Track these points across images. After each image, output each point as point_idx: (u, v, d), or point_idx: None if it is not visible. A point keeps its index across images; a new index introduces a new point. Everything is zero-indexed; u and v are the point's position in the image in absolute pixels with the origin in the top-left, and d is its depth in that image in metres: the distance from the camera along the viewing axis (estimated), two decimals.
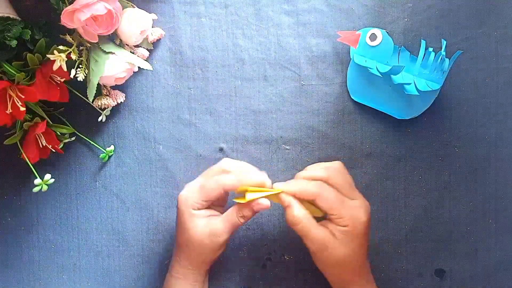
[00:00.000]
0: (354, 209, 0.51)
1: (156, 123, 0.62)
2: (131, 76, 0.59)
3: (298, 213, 0.51)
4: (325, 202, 0.50)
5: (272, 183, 0.53)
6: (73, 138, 0.61)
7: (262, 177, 0.52)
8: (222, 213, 0.54)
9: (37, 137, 0.56)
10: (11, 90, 0.52)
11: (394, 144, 0.60)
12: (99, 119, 0.60)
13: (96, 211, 0.62)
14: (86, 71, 0.54)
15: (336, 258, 0.51)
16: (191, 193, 0.53)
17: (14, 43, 0.51)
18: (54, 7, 0.53)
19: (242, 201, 0.52)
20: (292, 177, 0.60)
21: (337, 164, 0.54)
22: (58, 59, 0.51)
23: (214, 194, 0.52)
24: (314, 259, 0.53)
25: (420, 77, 0.57)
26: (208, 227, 0.52)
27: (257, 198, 0.52)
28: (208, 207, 0.54)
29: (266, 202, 0.52)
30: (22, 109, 0.52)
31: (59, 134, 0.58)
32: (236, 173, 0.53)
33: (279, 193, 0.52)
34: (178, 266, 0.54)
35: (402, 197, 0.60)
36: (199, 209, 0.53)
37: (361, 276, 0.53)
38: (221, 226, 0.52)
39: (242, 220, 0.52)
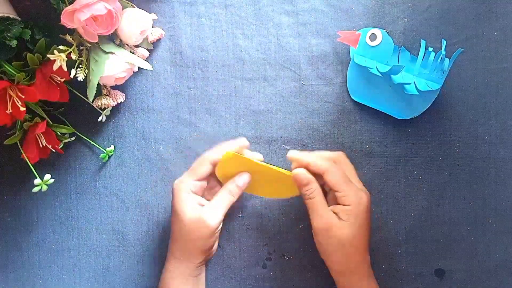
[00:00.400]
0: (357, 191, 0.52)
1: (156, 123, 0.62)
2: (131, 76, 0.59)
3: (315, 187, 0.53)
4: (333, 177, 0.52)
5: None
6: (73, 138, 0.61)
7: (240, 140, 0.56)
8: None
9: (37, 137, 0.56)
10: (11, 90, 0.52)
11: (394, 144, 0.60)
12: (99, 119, 0.60)
13: (96, 211, 0.62)
14: (86, 71, 0.54)
15: (339, 239, 0.51)
16: (183, 176, 0.55)
17: (14, 43, 0.51)
18: (54, 7, 0.53)
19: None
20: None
21: (341, 153, 0.56)
22: (58, 59, 0.51)
23: (202, 171, 0.54)
24: (317, 243, 0.53)
25: (420, 77, 0.57)
26: (198, 213, 0.53)
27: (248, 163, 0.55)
28: (202, 195, 0.56)
29: (245, 174, 0.55)
30: (22, 109, 0.52)
31: (59, 134, 0.58)
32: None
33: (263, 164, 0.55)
34: (172, 258, 0.55)
35: (402, 197, 0.60)
36: (193, 192, 0.54)
37: (362, 266, 0.53)
38: (208, 209, 0.53)
39: (230, 198, 0.54)
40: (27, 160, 0.55)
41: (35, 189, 0.55)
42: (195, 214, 0.53)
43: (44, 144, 0.56)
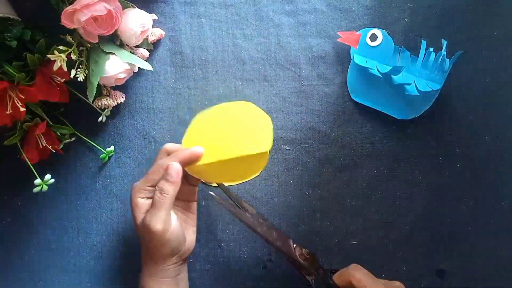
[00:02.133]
0: None
1: (156, 123, 0.62)
2: (131, 76, 0.59)
3: None
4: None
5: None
6: (73, 139, 0.61)
7: (195, 148, 0.52)
8: (188, 209, 0.56)
9: (37, 138, 0.56)
10: (11, 90, 0.52)
11: (394, 144, 0.60)
12: (99, 119, 0.60)
13: (96, 212, 0.62)
14: (86, 71, 0.54)
15: None
16: (138, 182, 0.53)
17: (14, 43, 0.51)
18: (54, 7, 0.53)
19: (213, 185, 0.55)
20: (292, 177, 0.61)
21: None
22: (58, 59, 0.51)
23: (155, 178, 0.51)
24: None
25: (421, 77, 0.57)
26: (143, 219, 0.51)
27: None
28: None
29: (173, 165, 0.51)
30: (22, 109, 0.52)
31: (59, 134, 0.58)
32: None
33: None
34: (142, 261, 0.54)
35: (403, 197, 0.60)
36: (146, 197, 0.52)
37: None
38: (148, 214, 0.50)
39: (161, 197, 0.50)
40: (27, 160, 0.55)
41: (35, 189, 0.55)
42: (141, 221, 0.51)
43: (44, 145, 0.56)
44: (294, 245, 0.53)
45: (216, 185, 0.59)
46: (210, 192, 0.54)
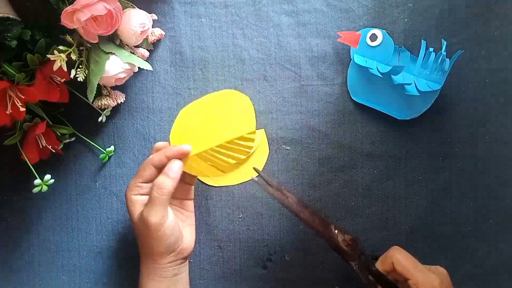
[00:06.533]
0: (427, 274, 0.50)
1: (156, 123, 0.62)
2: (131, 76, 0.59)
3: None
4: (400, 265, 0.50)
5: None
6: (73, 139, 0.61)
7: (183, 146, 0.54)
8: (185, 207, 0.57)
9: (37, 138, 0.56)
10: (11, 90, 0.52)
11: (394, 144, 0.60)
12: (99, 119, 0.60)
13: (96, 212, 0.62)
14: (86, 71, 0.54)
15: None
16: (132, 179, 0.54)
17: (14, 43, 0.51)
18: (54, 7, 0.53)
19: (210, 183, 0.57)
20: (292, 177, 0.61)
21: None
22: (58, 59, 0.51)
23: (146, 174, 0.53)
24: None
25: (421, 77, 0.57)
26: (140, 213, 0.52)
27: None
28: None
29: (175, 163, 0.53)
30: (22, 109, 0.52)
31: (59, 134, 0.58)
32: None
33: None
34: (140, 260, 0.55)
35: (403, 197, 0.60)
36: (140, 194, 0.53)
37: None
38: (146, 208, 0.51)
39: (159, 192, 0.51)
40: (27, 161, 0.55)
41: (35, 190, 0.55)
42: (138, 215, 0.52)
43: (44, 145, 0.56)
44: (336, 231, 0.53)
45: (216, 186, 0.60)
46: (254, 178, 0.55)
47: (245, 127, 0.57)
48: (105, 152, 0.61)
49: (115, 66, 0.55)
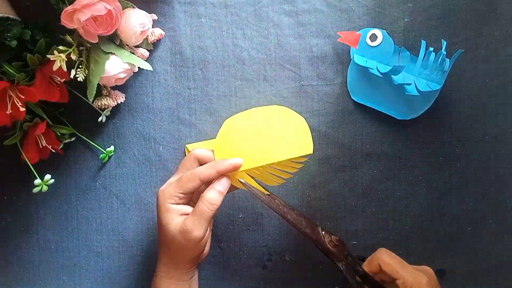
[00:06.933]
0: (415, 273, 0.50)
1: (156, 123, 0.62)
2: (131, 76, 0.59)
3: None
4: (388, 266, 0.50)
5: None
6: (73, 139, 0.61)
7: (235, 160, 0.52)
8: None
9: (37, 138, 0.56)
10: (11, 90, 0.52)
11: (394, 144, 0.60)
12: (99, 119, 0.59)
13: (96, 212, 0.62)
14: (86, 71, 0.54)
15: None
16: (168, 186, 0.52)
17: (14, 43, 0.51)
18: (54, 7, 0.53)
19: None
20: (292, 177, 0.61)
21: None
22: (58, 59, 0.51)
23: (189, 186, 0.51)
24: None
25: (421, 77, 0.57)
26: (181, 224, 0.50)
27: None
28: (187, 203, 0.53)
29: (224, 179, 0.52)
30: (22, 109, 0.52)
31: (59, 134, 0.58)
32: (211, 161, 0.53)
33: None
34: (161, 264, 0.54)
35: (403, 197, 0.60)
36: (177, 203, 0.51)
37: None
38: (191, 221, 0.50)
39: (210, 207, 0.50)
40: (27, 161, 0.55)
41: (35, 189, 0.55)
42: (178, 226, 0.50)
43: (44, 145, 0.56)
44: (323, 232, 0.53)
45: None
46: (240, 180, 0.53)
47: (303, 149, 0.53)
48: (105, 152, 0.61)
49: (115, 66, 0.55)
